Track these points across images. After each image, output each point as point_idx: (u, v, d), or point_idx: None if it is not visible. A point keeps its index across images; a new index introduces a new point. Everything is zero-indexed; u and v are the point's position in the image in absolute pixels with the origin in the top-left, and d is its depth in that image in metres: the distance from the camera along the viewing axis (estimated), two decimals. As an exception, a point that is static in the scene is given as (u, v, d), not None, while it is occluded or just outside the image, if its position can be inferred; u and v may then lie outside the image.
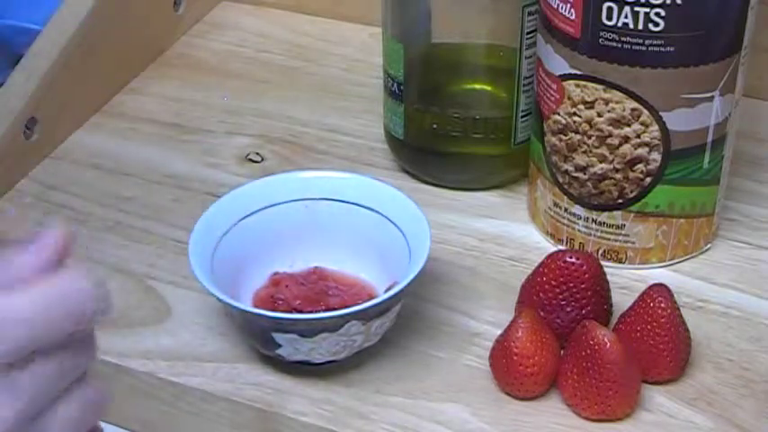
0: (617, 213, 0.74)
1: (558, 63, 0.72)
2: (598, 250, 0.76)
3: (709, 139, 0.72)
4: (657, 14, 0.67)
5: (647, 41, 0.68)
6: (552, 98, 0.73)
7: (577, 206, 0.75)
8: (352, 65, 0.97)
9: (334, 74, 0.97)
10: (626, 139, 0.71)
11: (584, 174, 0.73)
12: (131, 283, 0.76)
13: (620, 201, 0.74)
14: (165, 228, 0.80)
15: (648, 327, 0.66)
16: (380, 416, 0.67)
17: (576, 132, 0.72)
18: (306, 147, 0.88)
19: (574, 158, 0.73)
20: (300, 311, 0.69)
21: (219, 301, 0.66)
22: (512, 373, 0.66)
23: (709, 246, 0.78)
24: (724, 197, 0.77)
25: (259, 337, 0.67)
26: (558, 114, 0.73)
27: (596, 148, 0.72)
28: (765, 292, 0.74)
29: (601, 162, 0.73)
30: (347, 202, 0.74)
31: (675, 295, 0.67)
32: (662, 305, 0.66)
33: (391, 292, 0.66)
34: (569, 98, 0.72)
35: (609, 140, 0.72)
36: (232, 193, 0.74)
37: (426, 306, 0.73)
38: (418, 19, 0.81)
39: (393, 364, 0.70)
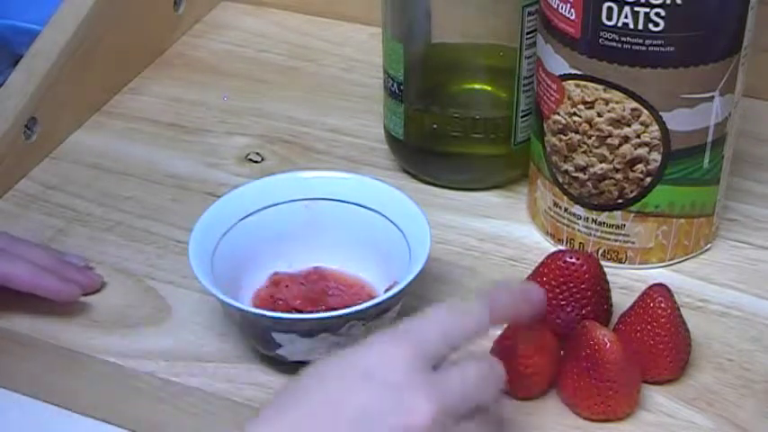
0: (617, 213, 0.74)
1: (558, 63, 0.72)
2: (598, 250, 0.75)
3: (710, 139, 0.72)
4: (657, 14, 0.67)
5: (647, 41, 0.68)
6: (552, 98, 0.73)
7: (577, 206, 0.75)
8: (352, 65, 0.97)
9: (334, 74, 0.97)
10: (626, 139, 0.71)
11: (584, 174, 0.73)
12: (131, 283, 0.76)
13: (620, 201, 0.74)
14: (165, 228, 0.80)
15: (648, 327, 0.66)
16: (380, 416, 0.66)
17: (576, 132, 0.72)
18: (306, 147, 0.88)
19: (574, 158, 0.73)
20: (300, 311, 0.69)
21: (219, 301, 0.66)
22: (512, 373, 0.66)
23: (709, 246, 0.77)
24: (724, 197, 0.77)
25: (259, 337, 0.67)
26: (558, 114, 0.73)
27: (596, 148, 0.72)
28: (765, 292, 0.74)
29: (601, 162, 0.73)
30: (347, 202, 0.74)
31: (675, 295, 0.67)
32: (662, 305, 0.66)
33: (391, 292, 0.66)
34: (569, 98, 0.72)
35: (609, 140, 0.72)
36: (232, 193, 0.74)
37: (426, 306, 0.73)
38: (418, 19, 0.81)
39: (393, 364, 0.70)
